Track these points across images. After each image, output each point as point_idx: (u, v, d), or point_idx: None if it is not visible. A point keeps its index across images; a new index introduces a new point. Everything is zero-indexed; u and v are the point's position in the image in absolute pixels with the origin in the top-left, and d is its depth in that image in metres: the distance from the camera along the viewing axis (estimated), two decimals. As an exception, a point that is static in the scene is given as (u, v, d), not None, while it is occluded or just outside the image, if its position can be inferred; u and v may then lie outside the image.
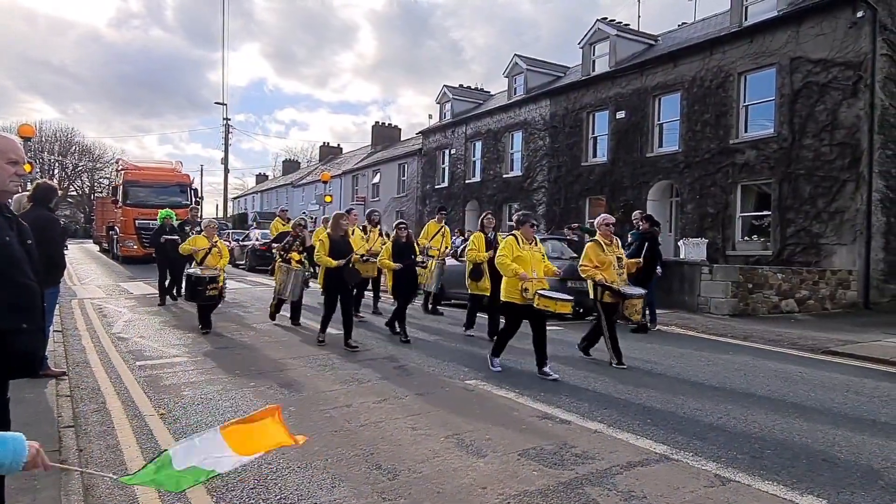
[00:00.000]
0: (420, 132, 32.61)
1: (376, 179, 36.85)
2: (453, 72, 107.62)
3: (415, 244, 9.67)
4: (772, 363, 7.70)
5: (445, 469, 3.92)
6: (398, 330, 8.62)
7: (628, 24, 22.51)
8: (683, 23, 22.87)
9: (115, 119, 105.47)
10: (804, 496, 3.59)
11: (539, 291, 6.41)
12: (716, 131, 16.98)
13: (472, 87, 32.05)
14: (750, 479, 3.83)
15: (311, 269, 9.91)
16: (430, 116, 34.44)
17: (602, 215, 7.56)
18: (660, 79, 18.71)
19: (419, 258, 9.64)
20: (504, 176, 25.34)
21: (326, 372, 6.59)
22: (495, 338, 6.99)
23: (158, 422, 4.90)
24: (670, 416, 5.20)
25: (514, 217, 6.85)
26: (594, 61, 21.69)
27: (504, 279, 6.57)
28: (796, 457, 4.22)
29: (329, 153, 52.15)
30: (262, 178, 66.97)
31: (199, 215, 18.20)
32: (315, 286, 10.73)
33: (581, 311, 12.16)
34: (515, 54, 25.64)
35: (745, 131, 16.52)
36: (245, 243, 23.32)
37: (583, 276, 7.31)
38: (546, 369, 6.46)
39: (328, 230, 8.03)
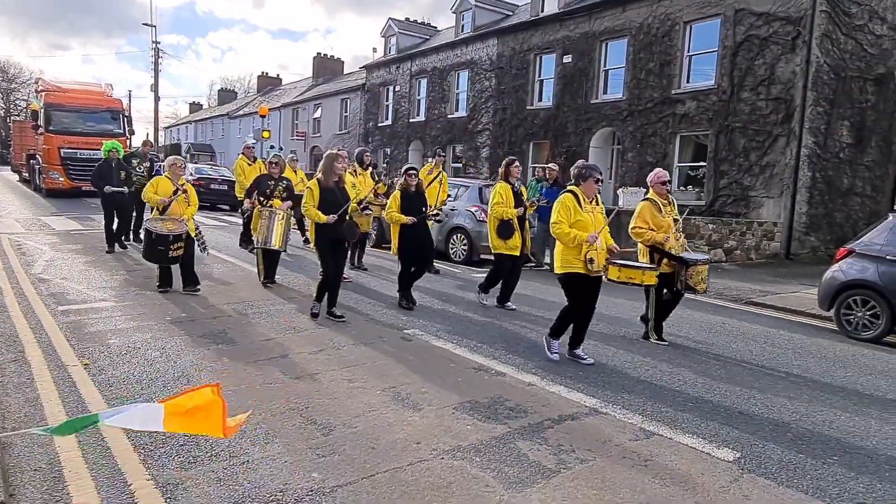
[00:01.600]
0: (364, 66, 31.57)
1: (318, 114, 35.71)
2: (400, 1, 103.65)
3: (426, 194, 8.02)
4: (698, 314, 8.04)
5: (380, 424, 3.94)
6: (406, 303, 7.32)
7: (579, -36, 22.05)
8: (634, -34, 22.55)
9: (32, 35, 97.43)
10: (720, 449, 3.80)
11: (614, 260, 5.64)
12: (659, 80, 17.10)
13: (419, 22, 31.09)
14: (672, 432, 4.02)
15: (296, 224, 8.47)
16: (375, 50, 33.37)
17: (656, 171, 6.39)
18: (608, 23, 18.56)
19: (434, 212, 8.07)
20: (449, 116, 24.97)
21: (262, 319, 6.46)
22: (559, 316, 5.65)
23: (82, 373, 4.69)
24: (601, 368, 5.38)
25: (574, 170, 5.56)
26: (543, 2, 21.27)
27: (558, 248, 5.44)
28: (715, 409, 4.46)
29: (267, 84, 50.01)
30: (196, 107, 63.82)
31: (153, 150, 16.74)
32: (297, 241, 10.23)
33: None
34: (464, -11, 24.86)
35: (688, 82, 16.72)
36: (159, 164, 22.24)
37: (636, 239, 6.20)
38: (579, 351, 5.58)
39: (318, 175, 6.44)
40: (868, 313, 7.43)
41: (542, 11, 21.11)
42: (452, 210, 11.74)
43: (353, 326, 6.39)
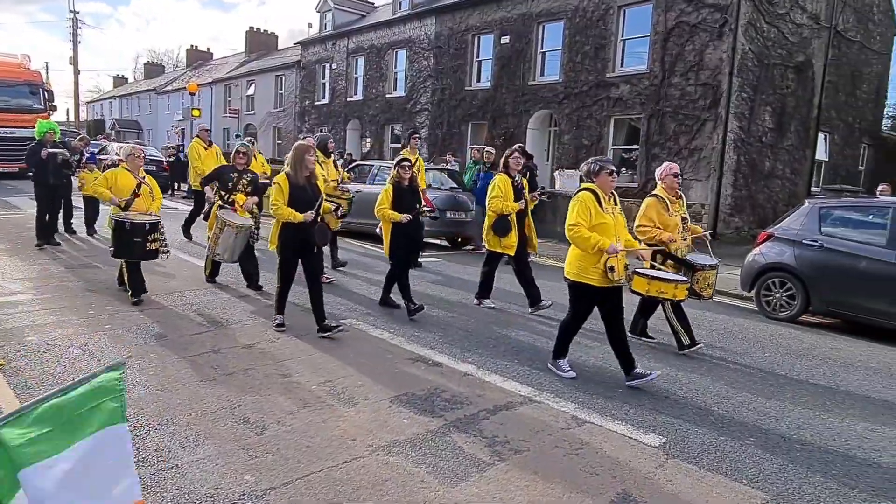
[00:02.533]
0: (298, 42, 30.69)
1: (251, 91, 34.58)
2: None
3: (420, 189, 7.45)
4: (627, 294, 8.28)
5: (315, 421, 3.89)
6: (394, 302, 6.73)
7: (517, -56, 22.00)
8: (570, -52, 22.69)
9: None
10: (647, 434, 3.95)
11: (643, 271, 5.08)
12: (594, 64, 17.36)
13: (356, -2, 30.36)
14: (602, 419, 4.15)
15: (256, 230, 7.45)
16: (310, 26, 32.47)
17: (667, 164, 5.88)
18: (544, 5, 18.65)
19: (429, 208, 7.47)
20: (387, 95, 24.64)
21: (194, 312, 6.25)
22: (558, 333, 5.07)
23: (-4, 375, 4.44)
24: (536, 355, 5.48)
25: (585, 166, 4.93)
26: (481, -19, 21.13)
27: (573, 252, 4.83)
28: (643, 394, 4.63)
29: (197, 58, 47.98)
30: (120, 81, 60.63)
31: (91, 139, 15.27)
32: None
33: (459, 240, 12.42)
34: (401, -35, 24.41)
35: (621, 66, 17.03)
36: (102, 157, 21.21)
37: (641, 238, 5.59)
38: (639, 370, 4.82)
39: (287, 169, 5.58)
40: (785, 294, 7.85)
41: (481, -9, 20.99)
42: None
43: (288, 316, 6.25)
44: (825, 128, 18.31)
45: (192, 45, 49.06)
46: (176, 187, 20.99)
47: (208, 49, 49.67)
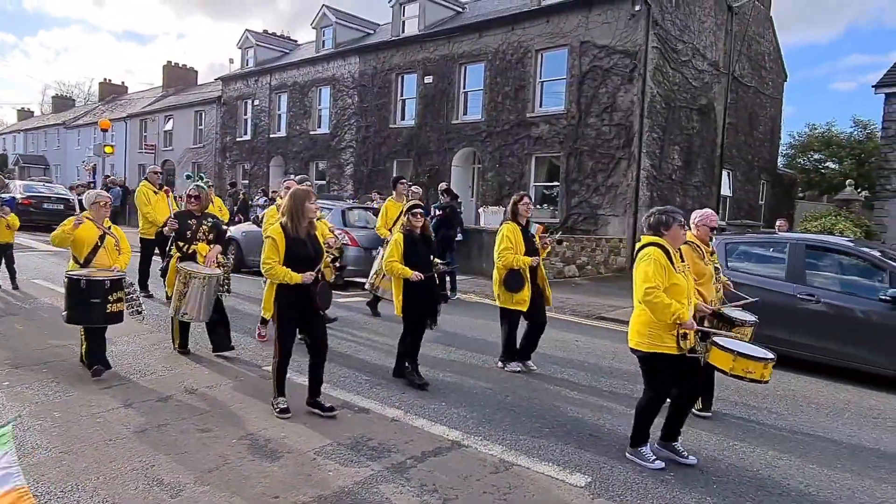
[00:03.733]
0: (220, 78, 30.20)
1: (169, 126, 33.58)
2: (258, 7, 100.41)
3: (433, 238, 6.53)
4: (554, 332, 8.44)
5: (235, 478, 3.72)
6: (411, 371, 5.77)
7: (438, -12, 22.68)
8: (489, -7, 23.60)
9: None
10: (573, 474, 4.00)
11: (724, 343, 4.18)
12: (515, 104, 17.96)
13: (278, 35, 30.36)
14: (529, 460, 4.17)
15: (226, 280, 6.47)
16: (232, 61, 32.01)
17: (706, 212, 5.21)
18: (466, 48, 19.21)
19: (444, 262, 6.46)
20: (311, 132, 24.53)
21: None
22: (636, 416, 4.31)
23: None
24: (464, 397, 5.48)
25: (650, 217, 4.32)
26: (404, 22, 21.60)
27: (641, 318, 4.15)
28: (569, 434, 4.70)
29: (111, 91, 46.24)
30: (26, 114, 57.50)
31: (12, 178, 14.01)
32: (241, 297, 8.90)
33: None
34: (324, 5, 24.63)
35: (540, 106, 17.71)
36: (2, 195, 19.91)
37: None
38: (677, 445, 4.37)
39: (283, 219, 4.71)
40: (698, 326, 8.22)
41: (403, 32, 21.43)
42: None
43: (205, 365, 6.01)
44: (728, 166, 19.62)
45: (105, 79, 47.27)
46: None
47: (123, 83, 48.06)
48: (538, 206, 17.84)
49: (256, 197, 20.95)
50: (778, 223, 11.92)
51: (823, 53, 78.58)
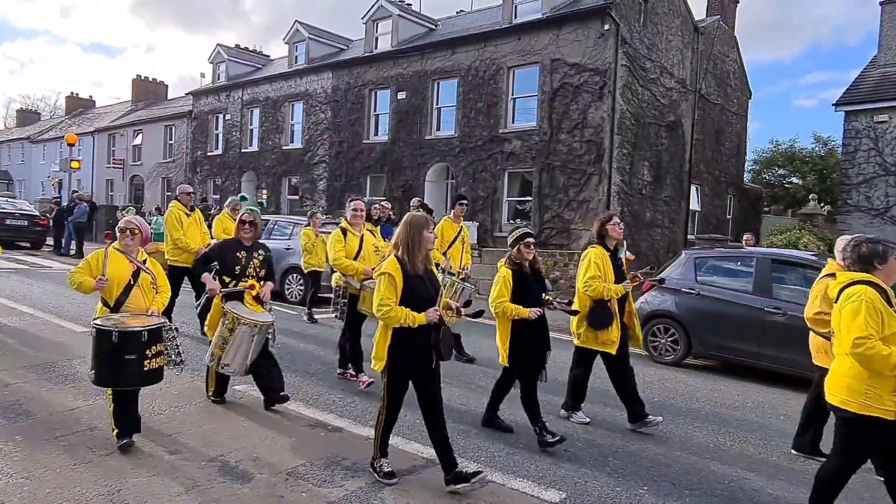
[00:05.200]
0: (191, 92, 29.89)
1: (138, 141, 33.09)
2: (228, 20, 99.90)
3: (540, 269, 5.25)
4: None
5: (205, 501, 3.64)
6: (504, 424, 5.16)
7: (410, 5, 22.86)
8: (461, 10, 23.87)
9: None
10: (548, 490, 4.01)
11: None
12: (487, 120, 18.12)
13: (251, 50, 30.20)
14: (504, 477, 4.17)
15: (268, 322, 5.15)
16: (203, 76, 31.77)
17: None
18: (438, 64, 19.35)
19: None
20: (284, 147, 24.39)
21: (67, 385, 5.73)
22: (816, 486, 3.60)
23: None
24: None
25: (858, 248, 3.54)
26: (377, 38, 21.68)
27: (848, 370, 3.36)
28: (542, 452, 4.70)
29: (78, 105, 45.41)
30: (-12, 128, 56.21)
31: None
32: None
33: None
34: (297, 21, 24.61)
35: (513, 122, 17.88)
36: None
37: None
38: None
39: (398, 252, 3.94)
40: (669, 340, 8.34)
41: (376, 48, 21.51)
42: (288, 249, 11.42)
43: (174, 386, 5.89)
44: (696, 181, 20.02)
45: (72, 93, 46.44)
46: (52, 244, 19.52)
47: (90, 96, 47.34)
48: (511, 221, 17.97)
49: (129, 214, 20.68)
50: (745, 237, 12.18)
51: (786, 71, 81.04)
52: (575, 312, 5.24)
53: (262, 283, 5.22)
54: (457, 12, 23.89)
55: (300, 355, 7.31)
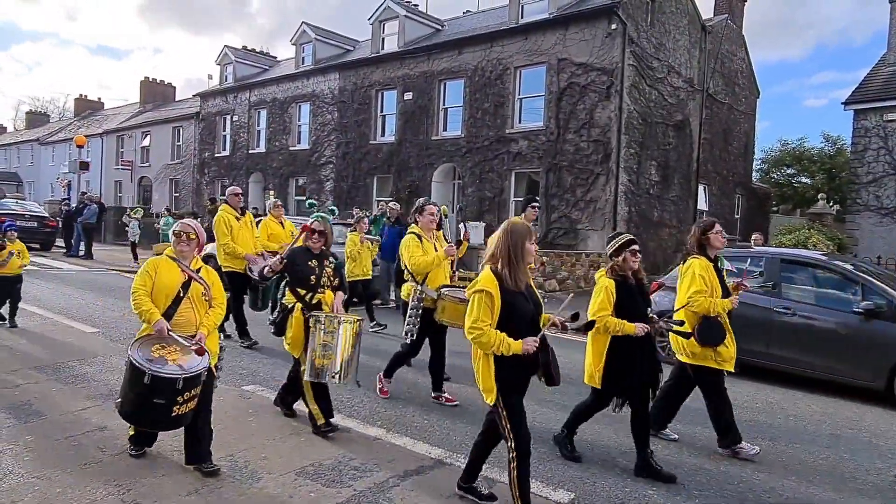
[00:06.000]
0: (198, 94, 30.04)
1: (146, 142, 33.28)
2: (235, 22, 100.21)
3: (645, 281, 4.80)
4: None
5: (215, 500, 3.66)
6: (649, 460, 4.35)
7: (417, 6, 22.88)
8: (468, 11, 23.90)
9: None
10: (557, 491, 4.00)
11: None
12: (494, 120, 18.11)
13: (258, 51, 30.31)
14: (513, 478, 4.15)
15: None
16: (210, 77, 31.87)
17: None
18: (445, 64, 19.36)
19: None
20: (291, 148, 24.47)
21: (77, 385, 5.77)
22: None
23: None
24: (446, 415, 5.45)
25: None
26: (384, 39, 21.73)
27: None
28: (553, 451, 4.69)
29: (87, 107, 45.72)
30: (-2, 130, 56.65)
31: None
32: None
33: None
34: (304, 22, 24.70)
35: (520, 122, 17.87)
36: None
37: None
38: None
39: (496, 265, 3.45)
40: (678, 339, 8.29)
41: (383, 49, 21.54)
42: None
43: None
44: (704, 180, 19.95)
45: (81, 95, 46.78)
46: (62, 245, 19.66)
47: (99, 98, 47.53)
48: (518, 221, 17.95)
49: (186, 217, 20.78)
50: (754, 237, 12.11)
51: (795, 70, 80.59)
52: (688, 335, 4.72)
53: (335, 291, 4.94)
54: (463, 13, 23.91)
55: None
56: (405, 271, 5.70)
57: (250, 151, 26.27)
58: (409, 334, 5.56)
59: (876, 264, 12.12)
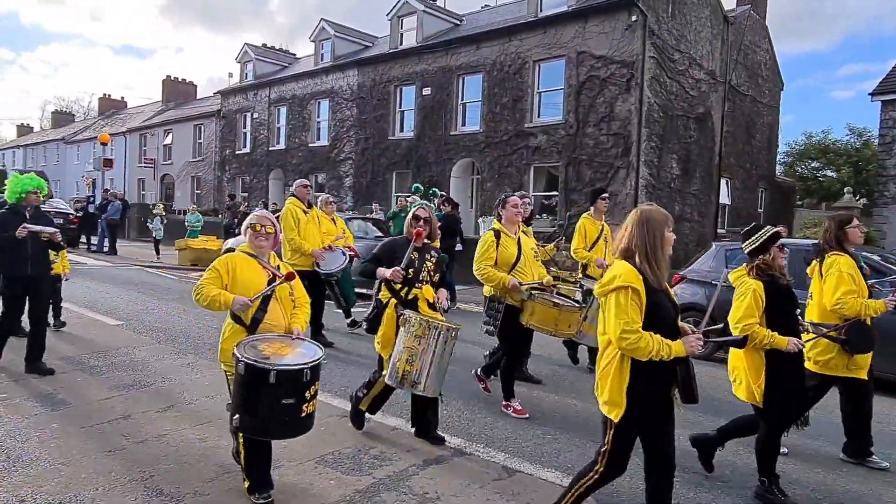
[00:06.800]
0: (219, 92, 30.31)
1: (168, 140, 33.68)
2: (254, 21, 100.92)
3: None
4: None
5: (236, 487, 3.68)
6: (773, 487, 3.90)
7: (435, 0, 22.84)
8: (486, 5, 23.79)
9: None
10: (567, 479, 3.96)
11: None
12: (513, 114, 18.02)
13: (277, 48, 30.53)
14: (533, 468, 4.14)
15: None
16: (231, 75, 32.16)
17: None
18: (464, 59, 19.31)
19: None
20: (310, 145, 24.60)
21: (102, 376, 5.86)
22: None
23: None
24: (466, 404, 5.44)
25: None
26: (402, 35, 21.72)
27: None
28: (570, 442, 4.66)
29: (110, 106, 46.42)
30: (25, 129, 57.68)
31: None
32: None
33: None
34: (323, 19, 24.78)
35: (539, 116, 17.77)
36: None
37: None
38: None
39: (635, 261, 2.91)
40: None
41: (401, 45, 21.54)
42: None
43: (205, 375, 5.99)
44: (726, 174, 19.66)
45: (105, 94, 47.51)
46: (83, 241, 19.99)
47: (122, 98, 48.23)
48: (538, 217, 17.85)
49: (257, 209, 20.98)
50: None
51: (822, 62, 79.08)
52: (844, 341, 4.22)
53: (436, 287, 4.52)
54: (482, 7, 23.82)
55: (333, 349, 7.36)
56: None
57: (270, 148, 26.46)
58: (489, 333, 5.25)
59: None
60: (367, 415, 4.71)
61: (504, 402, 5.29)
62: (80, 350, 6.73)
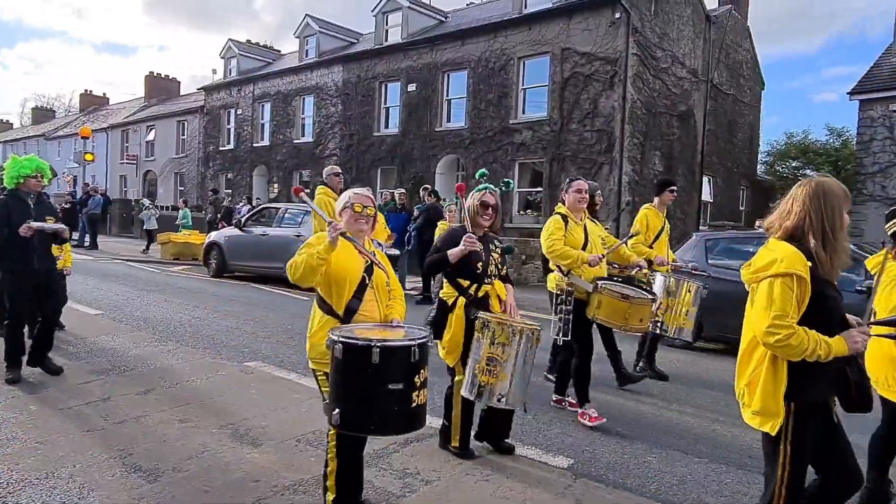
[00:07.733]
0: (202, 88, 30.09)
1: (151, 136, 33.37)
2: (240, 19, 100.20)
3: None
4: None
5: (215, 464, 3.68)
6: None
7: (420, -3, 22.86)
8: (471, 2, 23.86)
9: None
10: (556, 457, 4.00)
11: None
12: (498, 111, 18.09)
13: (261, 45, 30.34)
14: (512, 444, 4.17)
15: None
16: (214, 71, 31.95)
17: None
18: (449, 55, 19.35)
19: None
20: (295, 141, 24.50)
21: (79, 360, 5.81)
22: None
23: None
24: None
25: None
26: (387, 31, 21.72)
27: None
28: (553, 420, 4.71)
29: (92, 103, 45.85)
30: (4, 125, 56.79)
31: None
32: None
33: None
34: (307, 14, 24.71)
35: (523, 113, 17.85)
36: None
37: None
38: None
39: (807, 243, 2.34)
40: (680, 322, 8.27)
41: (386, 41, 21.54)
42: (298, 237, 11.44)
43: (186, 361, 5.96)
44: (708, 172, 19.88)
45: (86, 90, 46.90)
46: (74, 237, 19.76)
47: (104, 94, 47.66)
48: (522, 213, 17.93)
49: (241, 205, 20.86)
50: (757, 223, 12.07)
51: (807, 65, 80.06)
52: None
53: (505, 282, 4.01)
54: (467, 4, 23.89)
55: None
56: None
57: (254, 145, 26.31)
58: (562, 333, 4.61)
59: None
60: (474, 443, 4.00)
61: (580, 411, 4.68)
62: (58, 337, 6.65)
